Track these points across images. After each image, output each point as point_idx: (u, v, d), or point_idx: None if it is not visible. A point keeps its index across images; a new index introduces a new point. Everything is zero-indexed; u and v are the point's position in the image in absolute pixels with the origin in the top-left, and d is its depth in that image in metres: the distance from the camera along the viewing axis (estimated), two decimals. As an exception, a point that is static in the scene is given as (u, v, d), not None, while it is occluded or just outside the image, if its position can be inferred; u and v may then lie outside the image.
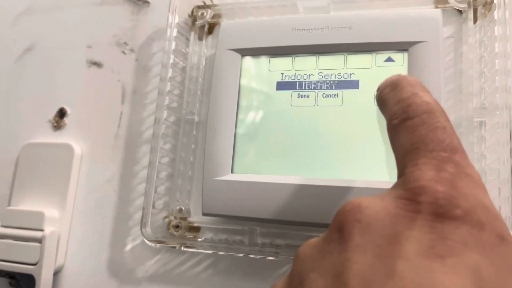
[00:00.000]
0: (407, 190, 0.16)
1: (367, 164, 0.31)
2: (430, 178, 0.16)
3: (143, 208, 0.35)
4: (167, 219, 0.37)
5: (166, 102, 0.37)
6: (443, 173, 0.16)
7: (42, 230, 0.39)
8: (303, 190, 0.31)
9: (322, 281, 0.15)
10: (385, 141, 0.31)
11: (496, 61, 0.31)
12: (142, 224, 0.35)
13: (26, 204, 0.42)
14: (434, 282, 0.13)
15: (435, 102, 0.20)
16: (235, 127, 0.34)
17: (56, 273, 0.40)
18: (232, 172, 0.34)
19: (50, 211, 0.40)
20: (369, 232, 0.15)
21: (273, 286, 0.19)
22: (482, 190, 0.16)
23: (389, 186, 0.30)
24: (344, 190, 0.30)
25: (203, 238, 0.36)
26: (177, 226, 0.37)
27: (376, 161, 0.31)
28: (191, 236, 0.36)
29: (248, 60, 0.35)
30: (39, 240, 0.39)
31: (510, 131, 0.30)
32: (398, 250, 0.14)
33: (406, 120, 0.19)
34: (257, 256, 0.33)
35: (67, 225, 0.41)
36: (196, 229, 0.37)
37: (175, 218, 0.37)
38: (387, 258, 0.14)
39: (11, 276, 0.40)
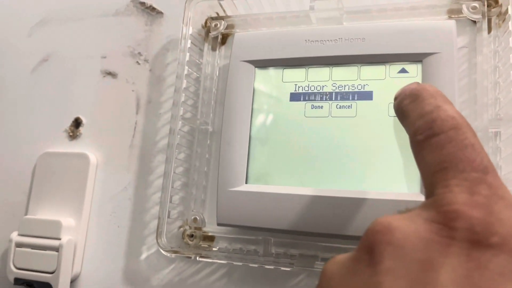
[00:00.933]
0: (440, 213, 0.16)
1: (381, 175, 0.31)
2: (463, 202, 0.15)
3: (159, 218, 0.36)
4: (182, 229, 0.37)
5: (181, 112, 0.37)
6: (476, 197, 0.16)
7: (59, 238, 0.39)
8: (317, 201, 0.32)
9: None
10: (400, 152, 0.31)
11: (511, 71, 0.31)
12: (158, 234, 0.36)
13: (43, 213, 0.42)
14: None
15: (460, 116, 0.18)
16: (249, 138, 0.35)
17: (73, 281, 0.41)
18: (246, 182, 0.34)
19: (67, 220, 0.41)
20: (401, 256, 0.15)
21: None
22: None
23: (404, 197, 0.30)
24: (359, 201, 0.31)
25: (217, 247, 0.36)
26: (191, 236, 0.37)
27: (391, 172, 0.31)
28: (206, 246, 0.37)
29: (262, 72, 0.36)
30: (57, 249, 0.39)
31: (526, 142, 0.30)
32: (433, 278, 0.14)
33: (432, 137, 0.18)
34: (271, 267, 0.34)
35: (83, 233, 0.41)
36: (210, 239, 0.37)
37: (190, 228, 0.37)
38: (421, 285, 0.14)
39: (29, 284, 0.40)
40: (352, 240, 0.32)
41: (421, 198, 0.30)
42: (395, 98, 0.22)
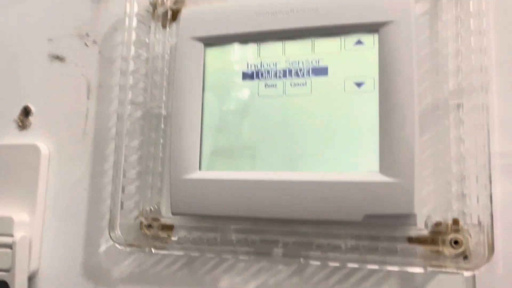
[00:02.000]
0: None
1: (339, 155, 0.29)
2: None
3: (110, 211, 0.34)
4: (138, 219, 0.36)
5: (130, 96, 0.35)
6: None
7: (11, 235, 0.38)
8: (273, 186, 0.30)
9: None
10: (357, 130, 0.29)
11: (472, 38, 0.29)
12: (110, 227, 0.34)
13: (-5, 209, 0.40)
14: None
15: None
16: (201, 122, 0.33)
17: (32, 278, 0.39)
18: (200, 169, 0.32)
19: (20, 215, 0.39)
20: None
21: None
22: None
23: (362, 177, 0.28)
24: (316, 185, 0.29)
25: (177, 237, 0.35)
26: (149, 226, 0.35)
27: (349, 152, 0.29)
28: (165, 236, 0.35)
29: (212, 50, 0.33)
30: (10, 246, 0.37)
31: (488, 114, 0.29)
32: None
33: None
34: (229, 256, 0.32)
35: (39, 228, 0.39)
36: (169, 228, 0.35)
37: (147, 218, 0.35)
38: None
39: (-15, 283, 0.39)
40: (310, 224, 0.30)
41: (380, 177, 0.28)
42: None
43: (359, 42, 0.30)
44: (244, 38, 0.32)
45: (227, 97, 0.32)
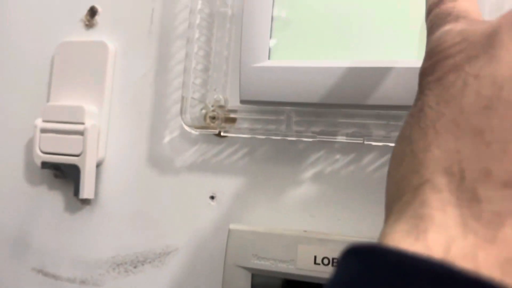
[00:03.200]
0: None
1: (408, 44, 0.31)
2: None
3: (182, 98, 0.36)
4: (204, 110, 0.38)
5: (201, -8, 0.37)
6: None
7: (83, 123, 0.40)
8: (339, 72, 0.32)
9: None
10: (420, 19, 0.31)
11: None
12: (182, 111, 0.36)
13: (64, 101, 0.43)
14: None
15: None
16: (272, 12, 0.34)
17: (98, 166, 0.42)
18: (269, 58, 0.34)
19: (89, 106, 0.41)
20: None
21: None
22: None
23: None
24: (382, 71, 0.31)
25: (239, 128, 0.37)
26: (213, 118, 0.38)
27: (411, 40, 0.31)
28: (228, 126, 0.37)
29: None
30: (81, 133, 0.40)
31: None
32: None
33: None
34: (294, 139, 0.35)
35: (106, 119, 0.42)
36: (232, 120, 0.38)
37: (212, 107, 0.38)
38: None
39: (56, 167, 0.42)
40: (374, 109, 0.32)
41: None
42: None
43: None
44: None
45: (298, -10, 0.34)
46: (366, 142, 0.32)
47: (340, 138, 0.33)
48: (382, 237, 0.16)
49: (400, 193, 0.17)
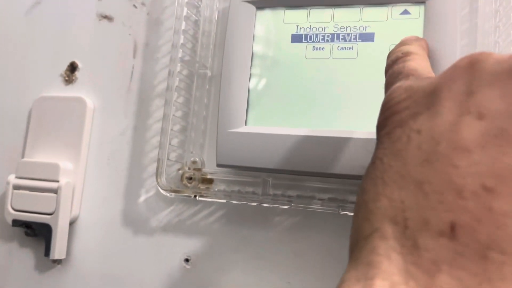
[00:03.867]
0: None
1: (375, 114, 0.31)
2: None
3: (158, 159, 0.36)
4: (180, 171, 0.38)
5: (180, 55, 0.37)
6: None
7: (57, 181, 0.40)
8: (316, 141, 0.32)
9: None
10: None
11: (511, 14, 0.31)
12: (158, 174, 0.36)
13: (39, 157, 0.42)
14: None
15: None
16: (249, 79, 0.35)
17: (72, 223, 0.41)
18: (246, 124, 0.34)
19: (65, 163, 0.41)
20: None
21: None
22: None
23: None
24: (358, 142, 0.31)
25: (216, 189, 0.37)
26: (190, 178, 0.37)
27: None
28: (204, 188, 0.37)
29: (263, 13, 0.35)
30: (55, 191, 0.39)
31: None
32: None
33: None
34: (270, 205, 0.34)
35: (81, 177, 0.41)
36: (209, 181, 0.37)
37: (189, 169, 0.37)
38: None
39: (27, 225, 0.41)
40: (352, 179, 0.32)
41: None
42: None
43: (405, 12, 0.32)
44: (295, 3, 0.34)
45: (276, 57, 0.34)
46: (341, 212, 0.32)
47: (316, 207, 0.33)
48: (339, 283, 0.16)
49: (356, 240, 0.18)
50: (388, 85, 0.23)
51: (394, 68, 0.24)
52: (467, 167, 0.15)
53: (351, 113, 0.32)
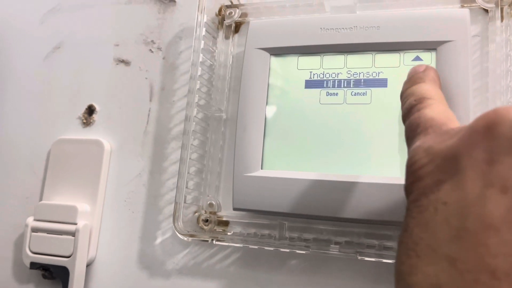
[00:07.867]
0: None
1: (397, 161, 0.32)
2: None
3: (175, 203, 0.37)
4: (197, 214, 0.38)
5: (196, 99, 0.38)
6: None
7: (75, 223, 0.40)
8: (332, 186, 0.32)
9: None
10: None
11: (523, 59, 0.32)
12: (175, 218, 0.36)
13: (57, 199, 0.43)
14: None
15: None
16: (265, 124, 0.35)
17: (88, 265, 0.41)
18: (262, 168, 0.35)
19: (82, 205, 0.41)
20: None
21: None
22: None
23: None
24: (374, 187, 0.31)
25: (232, 232, 0.37)
26: (206, 221, 0.38)
27: (402, 158, 0.32)
28: (221, 230, 0.37)
29: (277, 59, 0.36)
30: (73, 233, 0.40)
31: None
32: None
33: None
34: (287, 250, 0.34)
35: (98, 219, 0.42)
36: (225, 224, 0.38)
37: (205, 212, 0.38)
38: None
39: (45, 268, 0.41)
40: (367, 224, 0.33)
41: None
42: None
43: (417, 58, 0.33)
44: (309, 50, 0.35)
45: (290, 103, 0.35)
46: (359, 257, 0.32)
47: (333, 252, 0.33)
48: None
49: None
50: (408, 140, 0.23)
51: (411, 120, 0.24)
52: (497, 247, 0.15)
53: (365, 158, 0.33)
